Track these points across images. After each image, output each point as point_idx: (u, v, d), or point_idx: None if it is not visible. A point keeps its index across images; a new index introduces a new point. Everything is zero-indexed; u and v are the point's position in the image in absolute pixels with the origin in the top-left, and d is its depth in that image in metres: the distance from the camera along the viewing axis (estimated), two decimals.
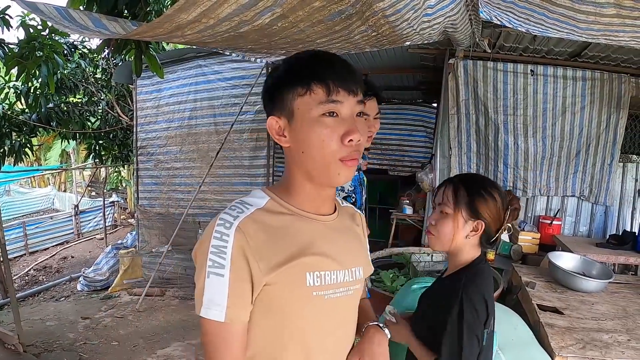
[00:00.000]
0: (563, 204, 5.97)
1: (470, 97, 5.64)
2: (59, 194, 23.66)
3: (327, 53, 1.37)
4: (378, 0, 2.19)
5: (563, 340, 2.82)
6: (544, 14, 2.80)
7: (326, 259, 1.38)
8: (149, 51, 3.53)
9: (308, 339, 1.40)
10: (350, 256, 1.48)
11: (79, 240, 16.14)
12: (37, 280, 11.40)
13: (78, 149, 20.28)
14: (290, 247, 1.34)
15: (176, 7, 1.84)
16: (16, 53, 4.53)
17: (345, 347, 1.53)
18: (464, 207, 1.87)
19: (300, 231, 1.38)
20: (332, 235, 1.45)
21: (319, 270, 1.36)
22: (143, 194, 8.19)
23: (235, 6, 1.91)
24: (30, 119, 8.68)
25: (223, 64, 6.96)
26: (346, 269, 1.44)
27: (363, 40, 2.97)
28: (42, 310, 7.71)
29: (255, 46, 2.99)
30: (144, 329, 6.31)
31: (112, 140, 10.87)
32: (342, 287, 1.42)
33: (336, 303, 1.42)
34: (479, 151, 5.87)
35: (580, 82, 5.46)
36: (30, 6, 1.99)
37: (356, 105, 1.33)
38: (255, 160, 6.82)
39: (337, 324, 1.47)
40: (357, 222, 1.63)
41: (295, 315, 1.36)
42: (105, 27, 2.13)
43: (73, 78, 8.86)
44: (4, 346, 5.45)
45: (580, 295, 3.60)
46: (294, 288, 1.33)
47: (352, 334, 1.56)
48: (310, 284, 1.34)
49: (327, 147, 1.30)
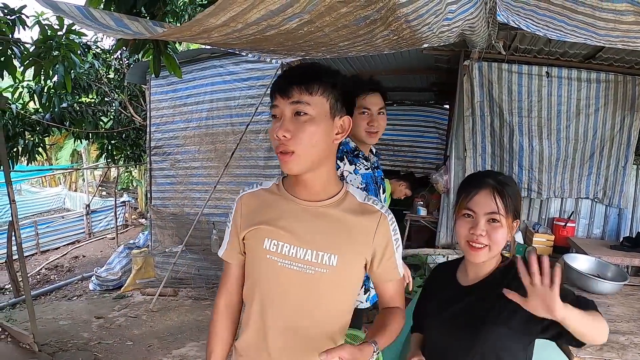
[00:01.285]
0: (577, 206, 5.97)
1: (485, 98, 5.65)
2: (69, 194, 23.75)
3: (292, 68, 1.66)
4: (402, 6, 2.20)
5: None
6: (564, 20, 2.80)
7: (286, 233, 1.66)
8: (167, 51, 3.54)
9: (264, 296, 1.72)
10: (322, 240, 1.66)
11: (90, 239, 16.20)
12: (49, 279, 11.43)
13: (89, 149, 20.33)
14: (261, 216, 1.70)
15: (206, 13, 1.86)
16: (32, 52, 4.55)
17: (304, 325, 1.71)
18: (511, 212, 1.79)
19: (275, 207, 1.71)
20: (304, 217, 1.68)
21: (276, 239, 1.66)
22: (156, 194, 8.21)
23: (264, 12, 1.93)
24: (43, 118, 8.72)
25: (238, 64, 6.97)
26: (309, 249, 1.65)
27: (384, 43, 2.98)
28: (55, 309, 7.71)
29: (277, 48, 3.00)
30: (158, 328, 6.32)
31: (124, 140, 10.91)
32: (300, 263, 1.65)
33: (291, 274, 1.66)
34: (494, 153, 5.87)
35: (594, 84, 5.46)
36: (52, 5, 1.99)
37: (289, 106, 1.56)
38: (270, 160, 6.81)
39: (293, 295, 1.68)
40: (368, 220, 1.71)
41: (254, 269, 1.74)
42: (127, 26, 2.14)
43: (86, 78, 8.90)
44: (19, 345, 5.47)
45: (596, 297, 3.62)
46: (255, 246, 1.71)
47: (313, 315, 1.71)
48: (267, 248, 1.66)
49: (272, 142, 1.63)
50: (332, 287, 1.68)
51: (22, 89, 8.30)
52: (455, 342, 1.89)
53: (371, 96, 2.83)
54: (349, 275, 1.71)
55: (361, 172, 2.94)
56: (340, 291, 1.72)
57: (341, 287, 1.72)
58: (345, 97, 1.65)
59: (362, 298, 3.10)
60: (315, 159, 1.60)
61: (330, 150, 1.67)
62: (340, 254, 1.65)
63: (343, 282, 1.71)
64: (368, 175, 2.99)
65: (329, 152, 1.66)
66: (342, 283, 1.71)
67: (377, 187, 3.11)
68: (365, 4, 2.08)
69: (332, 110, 1.60)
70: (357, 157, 2.95)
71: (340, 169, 2.86)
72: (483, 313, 1.80)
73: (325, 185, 1.71)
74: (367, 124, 2.84)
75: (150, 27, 2.23)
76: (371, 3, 2.07)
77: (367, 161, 3.01)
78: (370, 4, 2.08)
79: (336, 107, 1.61)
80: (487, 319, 1.79)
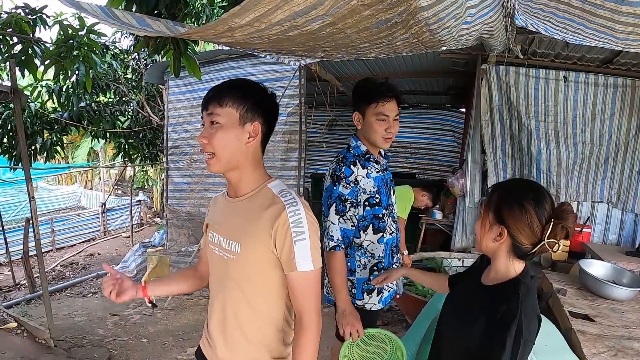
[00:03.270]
0: (593, 211, 5.95)
1: (503, 102, 5.65)
2: (85, 192, 23.93)
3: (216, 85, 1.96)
4: (422, 10, 2.21)
5: (595, 347, 2.84)
6: (583, 24, 2.80)
7: (218, 226, 2.04)
8: (187, 52, 3.57)
9: (210, 279, 2.15)
10: (232, 231, 1.95)
11: (105, 237, 16.31)
12: (64, 276, 11.50)
13: (106, 148, 20.47)
14: (211, 215, 2.16)
15: (232, 13, 1.88)
16: (53, 51, 4.60)
17: (228, 303, 2.00)
18: (491, 211, 1.87)
19: (218, 206, 2.14)
20: (228, 212, 2.03)
21: (213, 231, 2.06)
22: (173, 193, 8.24)
23: (288, 13, 1.95)
24: (62, 117, 8.80)
25: (256, 65, 6.94)
26: (225, 238, 1.97)
27: (403, 46, 2.99)
28: (70, 305, 7.75)
29: (298, 49, 3.02)
30: (173, 326, 6.36)
31: (141, 139, 11.00)
32: (221, 249, 1.98)
33: (217, 259, 2.02)
34: (513, 156, 5.88)
35: (611, 89, 5.45)
36: (74, 4, 2.04)
37: (207, 117, 1.89)
38: (287, 162, 6.78)
39: (219, 277, 2.04)
40: (268, 212, 1.85)
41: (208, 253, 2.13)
42: (149, 25, 2.17)
43: (105, 78, 8.97)
44: (34, 340, 5.51)
45: (611, 303, 3.61)
46: (207, 239, 2.13)
47: (233, 295, 1.98)
48: (210, 238, 2.08)
49: None
50: (239, 271, 1.93)
51: (41, 88, 8.38)
52: (449, 328, 2.04)
53: (389, 103, 2.87)
54: (252, 262, 1.89)
55: (373, 176, 2.99)
56: (247, 276, 1.93)
57: (247, 273, 1.92)
58: (258, 106, 1.91)
59: (375, 300, 3.13)
60: (230, 159, 1.88)
61: (246, 152, 1.91)
62: (242, 243, 1.89)
63: (247, 267, 1.91)
64: (379, 178, 3.03)
65: (244, 154, 1.90)
66: (247, 269, 1.91)
67: (387, 190, 3.14)
68: (387, 7, 2.10)
69: (242, 119, 1.87)
70: (368, 161, 3.01)
71: (354, 173, 2.91)
72: (470, 318, 1.87)
73: (245, 183, 1.96)
74: (384, 130, 2.89)
75: (172, 27, 2.26)
76: (393, 6, 2.09)
77: (377, 164, 3.07)
78: (392, 7, 2.10)
79: (246, 115, 1.87)
80: (466, 322, 1.88)
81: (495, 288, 1.87)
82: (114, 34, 10.14)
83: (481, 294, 1.94)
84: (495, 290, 1.86)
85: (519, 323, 1.66)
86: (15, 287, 10.23)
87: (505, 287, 1.84)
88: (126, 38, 10.22)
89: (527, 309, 1.72)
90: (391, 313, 6.28)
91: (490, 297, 1.84)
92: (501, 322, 1.70)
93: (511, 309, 1.70)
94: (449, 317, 2.06)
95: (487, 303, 1.82)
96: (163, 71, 7.96)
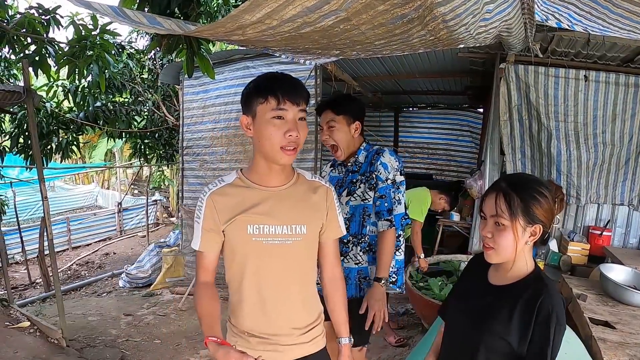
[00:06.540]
0: (613, 214, 5.84)
1: (523, 102, 5.55)
2: (102, 192, 24.16)
3: (283, 75, 2.04)
4: (439, 5, 2.15)
5: (616, 356, 2.76)
6: (608, 7, 2.72)
7: (265, 216, 2.05)
8: (201, 52, 3.54)
9: (257, 273, 2.08)
10: (294, 215, 2.10)
11: (121, 237, 16.41)
12: (79, 275, 11.61)
13: (122, 148, 20.61)
14: (237, 209, 2.05)
15: (242, 9, 1.86)
16: (67, 52, 4.59)
17: (292, 287, 2.14)
18: (520, 216, 1.80)
19: (248, 198, 2.08)
20: (276, 200, 2.09)
21: (257, 223, 2.04)
22: (188, 193, 8.21)
23: (300, 8, 1.93)
24: (77, 117, 8.82)
25: (271, 65, 6.85)
26: (284, 224, 2.07)
27: (420, 43, 2.93)
28: (84, 305, 7.78)
29: (312, 46, 2.98)
30: (186, 328, 6.35)
31: (157, 139, 11.03)
32: (280, 237, 2.06)
33: (274, 248, 2.06)
34: (533, 157, 5.78)
35: (632, 88, 5.31)
36: (84, 4, 2.04)
37: (298, 112, 1.99)
38: (302, 163, 6.68)
39: (280, 265, 2.09)
40: (318, 193, 2.22)
41: (241, 252, 2.08)
42: (159, 24, 2.16)
43: (120, 78, 8.98)
44: (47, 340, 5.52)
45: (632, 309, 3.51)
46: (238, 234, 2.05)
47: (297, 277, 2.16)
48: (250, 232, 2.03)
49: (274, 139, 1.96)
50: (305, 250, 2.16)
51: (57, 88, 8.40)
52: (464, 335, 2.00)
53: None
54: (315, 238, 2.21)
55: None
56: (311, 253, 2.22)
57: (312, 250, 2.21)
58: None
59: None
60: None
61: None
62: (307, 223, 2.13)
63: (312, 244, 2.20)
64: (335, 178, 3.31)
65: None
66: (311, 245, 2.20)
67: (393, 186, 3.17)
68: (403, 2, 2.05)
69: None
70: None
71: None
72: (491, 319, 1.87)
73: (289, 170, 2.18)
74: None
75: (182, 25, 2.24)
76: (409, 1, 2.05)
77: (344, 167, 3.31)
78: (408, 2, 2.05)
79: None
80: (492, 326, 1.86)
81: (518, 285, 1.88)
82: (130, 34, 10.17)
83: (499, 295, 1.92)
84: (518, 287, 1.88)
85: (554, 311, 1.73)
86: (31, 285, 10.35)
87: (529, 281, 1.87)
88: (142, 38, 10.25)
89: (556, 296, 1.77)
90: (407, 317, 6.21)
91: (516, 294, 1.85)
92: (539, 315, 1.74)
93: (544, 301, 1.75)
94: (469, 334, 1.97)
95: (514, 301, 1.83)
96: (178, 71, 7.95)
